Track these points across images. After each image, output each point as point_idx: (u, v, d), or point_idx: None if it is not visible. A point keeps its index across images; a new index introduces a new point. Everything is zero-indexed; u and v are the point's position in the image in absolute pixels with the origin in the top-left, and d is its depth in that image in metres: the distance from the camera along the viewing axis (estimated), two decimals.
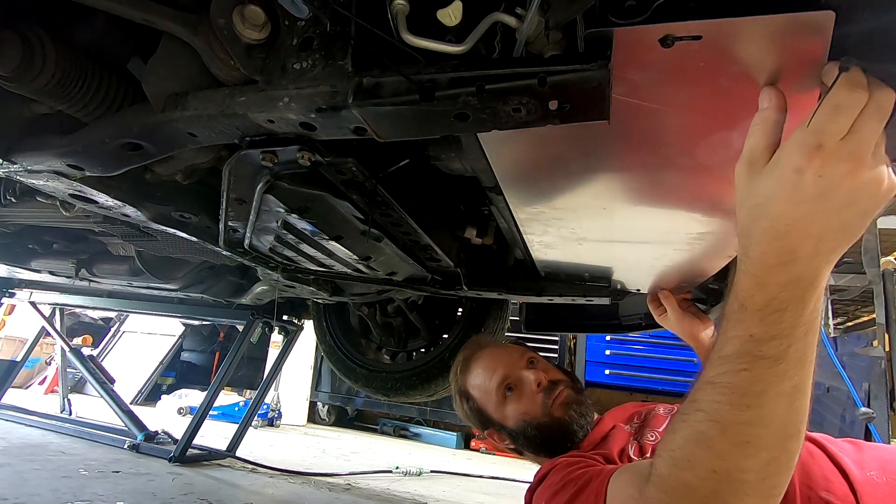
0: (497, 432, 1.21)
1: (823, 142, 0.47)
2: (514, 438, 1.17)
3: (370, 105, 0.62)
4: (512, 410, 1.15)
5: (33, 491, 1.81)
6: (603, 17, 0.51)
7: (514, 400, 1.16)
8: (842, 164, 0.47)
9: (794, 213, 0.50)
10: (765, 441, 0.55)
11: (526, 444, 1.16)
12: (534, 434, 1.12)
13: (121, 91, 0.82)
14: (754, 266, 0.53)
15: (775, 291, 0.52)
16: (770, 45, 0.51)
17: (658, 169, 0.80)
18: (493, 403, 1.18)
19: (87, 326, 6.18)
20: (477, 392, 1.22)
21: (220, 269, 1.95)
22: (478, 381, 1.22)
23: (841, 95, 0.47)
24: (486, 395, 1.19)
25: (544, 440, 1.12)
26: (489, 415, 1.20)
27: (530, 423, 1.13)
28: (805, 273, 0.51)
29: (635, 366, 4.31)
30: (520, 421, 1.14)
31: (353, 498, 2.41)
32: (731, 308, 0.56)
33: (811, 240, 0.50)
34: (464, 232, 1.22)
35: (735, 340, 0.55)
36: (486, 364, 1.23)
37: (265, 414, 4.64)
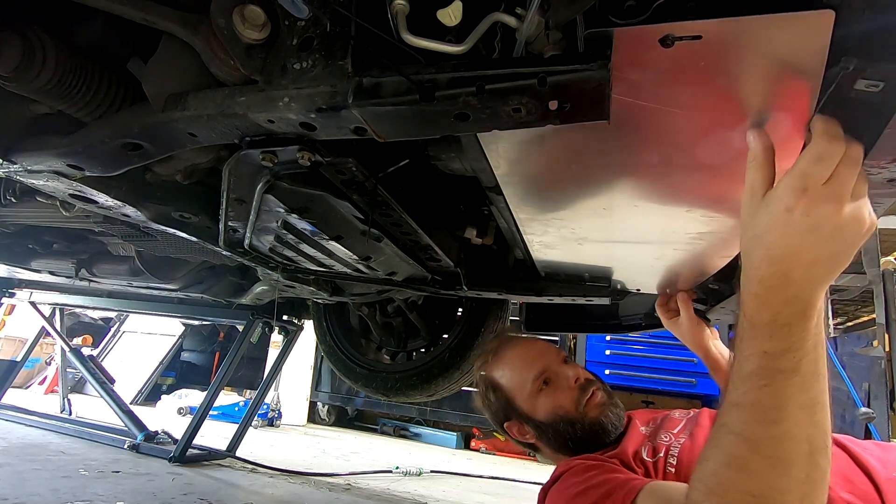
0: (520, 424, 1.18)
1: (808, 185, 0.55)
2: (540, 431, 1.15)
3: (370, 105, 0.62)
4: (545, 403, 1.14)
5: (33, 491, 1.81)
6: (603, 17, 0.51)
7: (549, 393, 1.14)
8: (826, 204, 0.55)
9: (785, 244, 0.57)
10: (794, 456, 0.57)
11: (553, 439, 1.13)
12: (565, 429, 1.11)
13: (121, 91, 0.82)
14: (757, 287, 0.59)
15: (778, 308, 0.58)
16: (770, 45, 0.51)
17: (658, 169, 0.80)
18: (525, 394, 1.16)
19: (87, 326, 6.18)
20: (507, 381, 1.20)
21: (220, 269, 1.95)
22: (510, 371, 1.20)
23: (821, 146, 0.54)
24: (519, 385, 1.17)
25: (574, 437, 1.10)
26: (517, 405, 1.17)
27: (563, 418, 1.11)
28: (801, 294, 0.58)
29: (635, 366, 4.30)
30: (552, 414, 1.12)
31: (353, 498, 2.41)
32: (743, 328, 0.61)
33: (803, 267, 0.57)
34: (464, 232, 1.22)
35: (752, 358, 0.59)
36: (522, 355, 1.22)
37: (265, 414, 4.64)
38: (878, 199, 0.72)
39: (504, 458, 4.58)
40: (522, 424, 1.18)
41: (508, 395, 1.19)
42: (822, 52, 0.51)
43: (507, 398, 1.19)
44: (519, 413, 1.17)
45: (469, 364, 1.93)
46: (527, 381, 1.16)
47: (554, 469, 1.04)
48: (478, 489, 3.02)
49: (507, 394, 1.19)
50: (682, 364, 4.20)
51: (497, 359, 1.24)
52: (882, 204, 0.74)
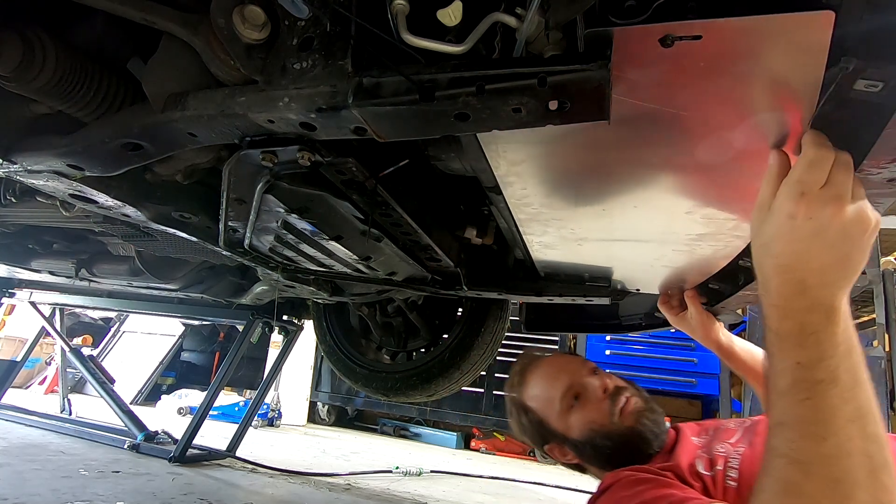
0: (559, 446, 1.11)
1: (805, 190, 0.56)
2: (579, 450, 1.08)
3: (370, 105, 0.62)
4: (577, 420, 1.07)
5: (33, 491, 1.81)
6: (603, 16, 0.51)
7: (579, 409, 1.08)
8: (826, 206, 0.55)
9: (792, 250, 0.58)
10: (854, 475, 0.52)
11: (593, 456, 1.06)
12: (603, 444, 1.03)
13: (121, 91, 0.82)
14: (775, 298, 0.59)
15: (800, 316, 0.57)
16: (770, 45, 0.51)
17: (657, 170, 0.80)
18: (555, 413, 1.10)
19: (87, 326, 6.18)
20: (537, 403, 1.14)
21: (220, 269, 1.95)
22: (538, 391, 1.14)
23: (812, 153, 0.56)
24: (549, 404, 1.11)
25: (614, 450, 1.03)
26: (551, 426, 1.11)
27: (598, 433, 1.04)
28: (821, 299, 0.57)
29: (635, 366, 4.30)
30: (586, 430, 1.05)
31: (353, 498, 2.41)
32: (770, 342, 0.60)
33: (815, 272, 0.57)
34: (464, 232, 1.22)
35: (786, 372, 0.57)
36: (547, 373, 1.16)
37: (265, 414, 4.64)
38: (878, 199, 0.72)
39: (504, 458, 4.58)
40: (561, 445, 1.11)
41: (540, 417, 1.13)
42: (822, 52, 0.51)
43: (540, 420, 1.13)
44: (555, 434, 1.11)
45: (469, 364, 1.93)
46: (555, 400, 1.10)
47: (600, 481, 0.98)
48: (478, 489, 3.02)
49: (539, 416, 1.13)
50: (682, 364, 4.20)
51: (523, 381, 1.19)
52: (882, 204, 0.74)
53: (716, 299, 1.27)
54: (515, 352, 4.72)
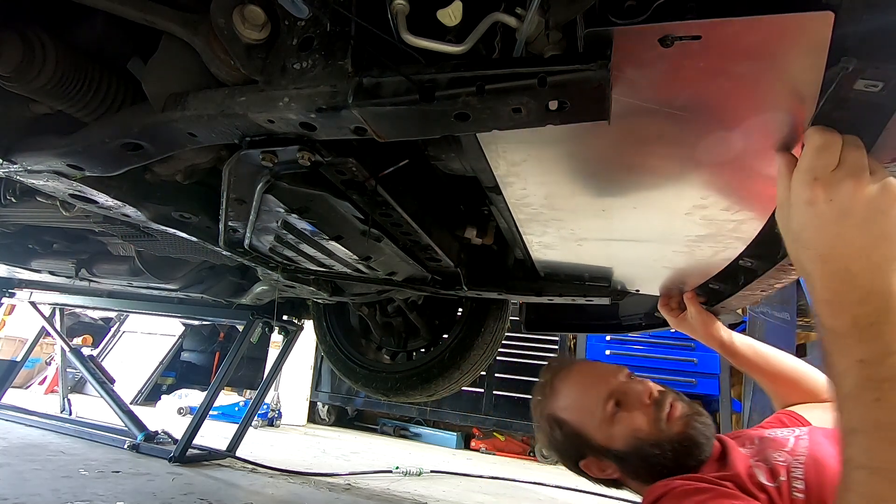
0: (598, 460, 1.01)
1: (817, 175, 0.55)
2: (623, 462, 0.98)
3: (370, 105, 0.62)
4: (621, 429, 0.97)
5: (33, 491, 1.81)
6: (603, 16, 0.51)
7: (622, 417, 0.98)
8: (843, 185, 0.54)
9: (824, 236, 0.55)
10: None
11: (640, 468, 0.97)
12: (651, 452, 0.94)
13: (121, 91, 0.82)
14: (823, 293, 0.56)
15: (854, 309, 0.54)
16: (770, 46, 0.51)
17: (657, 169, 0.80)
18: (595, 423, 1.00)
19: (87, 326, 6.18)
20: (572, 414, 1.04)
21: (220, 269, 1.95)
22: (572, 400, 1.05)
23: (817, 138, 0.56)
24: (587, 414, 1.01)
25: (666, 459, 0.94)
26: (589, 438, 1.00)
27: (645, 441, 0.95)
28: (873, 286, 0.53)
29: (635, 366, 4.28)
30: (631, 439, 0.96)
31: (353, 498, 2.41)
32: (827, 343, 0.56)
33: (857, 257, 0.54)
34: (464, 232, 1.22)
35: (848, 373, 0.53)
36: (581, 381, 1.07)
37: (265, 414, 4.64)
38: None
39: (504, 458, 4.58)
40: (600, 460, 1.01)
41: (577, 429, 1.02)
42: (822, 52, 0.51)
43: (577, 433, 1.02)
44: (594, 447, 1.00)
45: (469, 364, 1.93)
46: (595, 409, 1.00)
47: (646, 493, 0.90)
48: (478, 489, 3.02)
49: (576, 428, 1.02)
50: (682, 364, 4.20)
51: (554, 391, 1.08)
52: None
53: (716, 299, 1.27)
54: (515, 352, 4.74)
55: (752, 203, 0.84)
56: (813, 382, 1.21)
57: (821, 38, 0.49)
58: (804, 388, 1.20)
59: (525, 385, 4.58)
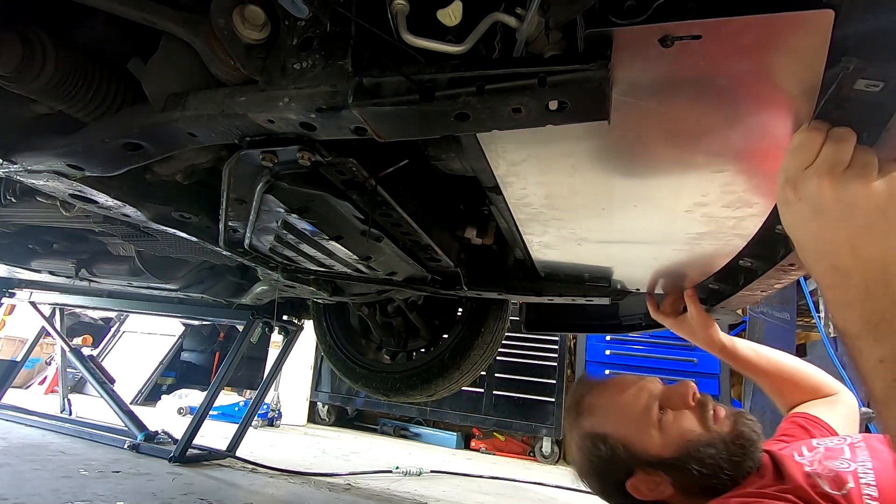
0: (649, 474, 0.93)
1: (788, 175, 0.58)
2: (676, 472, 0.91)
3: (370, 105, 0.62)
4: (671, 433, 0.92)
5: (33, 491, 1.81)
6: (603, 17, 0.51)
7: (669, 422, 0.93)
8: (809, 182, 0.56)
9: (805, 233, 0.57)
10: None
11: (695, 475, 0.89)
12: (707, 453, 0.88)
13: (121, 91, 0.82)
14: (826, 294, 0.56)
15: (858, 307, 0.52)
16: (770, 45, 0.51)
17: (657, 169, 0.80)
18: (642, 432, 0.94)
19: (87, 326, 6.17)
20: (615, 426, 0.97)
21: (220, 269, 1.95)
22: (613, 413, 0.99)
23: (795, 140, 0.58)
24: (631, 423, 0.95)
25: (721, 461, 0.88)
26: (637, 449, 0.93)
27: (698, 443, 0.89)
28: (868, 281, 0.51)
29: (635, 366, 4.30)
30: (683, 443, 0.90)
31: (353, 498, 2.41)
32: (848, 346, 0.54)
33: (843, 251, 0.53)
34: (464, 232, 1.22)
35: (874, 375, 0.51)
36: (619, 392, 1.00)
37: (265, 414, 4.63)
38: None
39: (504, 458, 4.58)
40: (651, 473, 0.93)
41: (623, 440, 0.95)
42: (822, 51, 0.51)
43: (623, 444, 0.95)
44: (643, 459, 0.93)
45: (469, 364, 1.93)
46: (640, 416, 0.95)
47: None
48: (478, 489, 3.02)
49: (621, 440, 0.95)
50: (682, 364, 4.20)
51: (591, 408, 1.02)
52: None
53: (716, 299, 1.27)
54: (515, 352, 4.73)
55: (752, 200, 0.84)
56: (814, 379, 1.20)
57: (821, 37, 0.49)
58: (807, 386, 1.20)
59: (525, 385, 4.58)
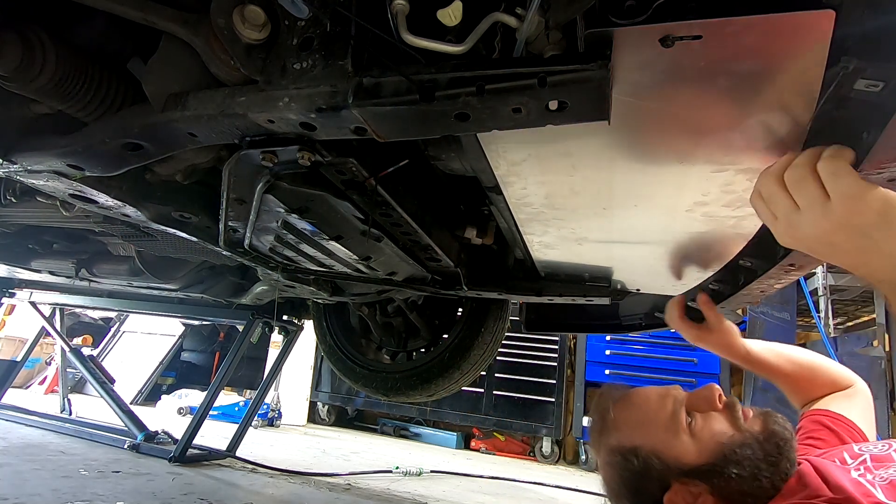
0: (686, 485, 0.87)
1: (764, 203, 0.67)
2: (714, 478, 0.86)
3: (370, 105, 0.62)
4: (703, 438, 0.88)
5: (33, 491, 1.81)
6: (603, 17, 0.51)
7: (700, 425, 0.89)
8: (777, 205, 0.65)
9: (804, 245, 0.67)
10: None
11: (733, 481, 0.84)
12: (744, 455, 0.84)
13: (121, 91, 0.82)
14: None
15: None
16: (770, 45, 0.51)
17: (658, 168, 0.80)
18: (674, 440, 0.89)
19: (87, 326, 6.17)
20: (645, 437, 0.92)
21: (220, 269, 1.95)
22: (641, 423, 0.94)
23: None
24: (662, 433, 0.90)
25: (759, 461, 0.84)
26: (671, 460, 0.88)
27: (732, 445, 0.85)
28: (856, 267, 0.64)
29: (635, 366, 4.31)
30: (717, 447, 0.86)
31: (353, 498, 2.41)
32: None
33: (823, 248, 0.64)
34: (464, 232, 1.22)
35: None
36: (644, 402, 0.95)
37: (265, 414, 4.64)
38: None
39: (504, 458, 4.58)
40: (689, 484, 0.87)
41: (655, 452, 0.90)
42: (823, 51, 0.51)
43: (657, 456, 0.90)
44: (679, 469, 0.88)
45: (469, 364, 1.93)
46: (669, 423, 0.90)
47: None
48: (478, 489, 3.02)
49: (654, 451, 0.90)
50: (682, 364, 4.20)
51: (616, 422, 0.97)
52: None
53: (716, 299, 1.26)
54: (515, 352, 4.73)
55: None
56: (830, 372, 1.18)
57: (822, 37, 0.49)
58: (824, 381, 1.18)
59: (525, 385, 4.58)
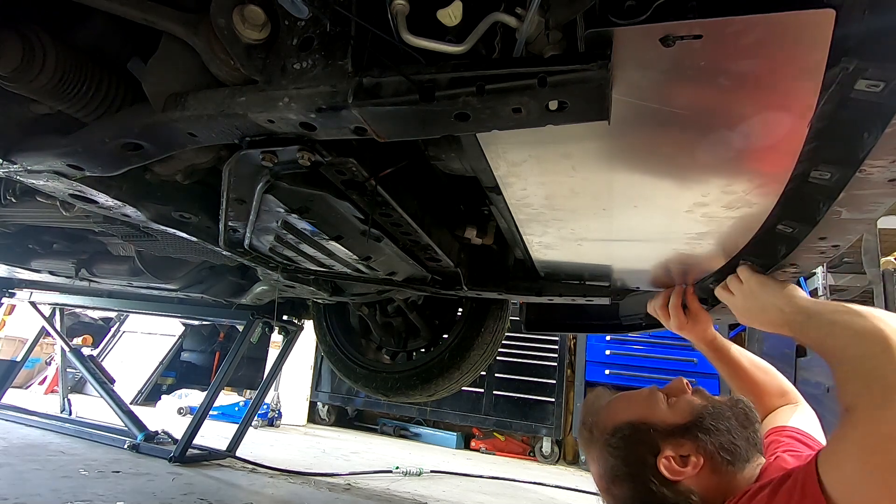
0: (674, 446, 0.95)
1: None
2: (698, 432, 0.95)
3: (370, 105, 0.62)
4: (682, 405, 0.99)
5: (33, 491, 1.81)
6: (603, 17, 0.51)
7: (675, 402, 1.01)
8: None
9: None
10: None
11: (714, 433, 0.94)
12: (719, 412, 0.96)
13: (121, 91, 0.82)
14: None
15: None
16: (770, 44, 0.51)
17: (658, 169, 0.80)
18: (655, 408, 1.00)
19: (87, 326, 6.17)
20: (631, 413, 1.02)
21: (220, 269, 1.95)
22: (629, 404, 1.05)
23: None
24: (646, 406, 1.01)
25: (731, 419, 0.95)
26: (656, 422, 0.98)
27: (707, 407, 0.97)
28: (762, 324, 1.04)
29: (635, 366, 4.31)
30: (695, 408, 0.97)
31: (353, 498, 2.41)
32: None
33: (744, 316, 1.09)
34: (464, 232, 1.22)
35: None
36: (624, 396, 1.08)
37: (265, 414, 4.64)
38: (878, 199, 0.72)
39: (504, 458, 4.58)
40: (676, 445, 0.95)
41: (642, 419, 0.99)
42: (823, 51, 0.51)
43: (643, 422, 0.99)
44: (664, 430, 0.97)
45: (469, 364, 1.93)
46: (649, 398, 1.02)
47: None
48: (478, 489, 3.02)
49: (640, 419, 1.00)
50: (682, 364, 4.20)
51: (607, 410, 1.07)
52: (882, 204, 0.74)
53: (716, 299, 1.26)
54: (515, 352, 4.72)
55: (752, 200, 0.84)
56: (780, 379, 1.26)
57: (822, 36, 0.49)
58: (774, 386, 1.24)
59: (525, 385, 4.58)
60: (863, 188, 0.69)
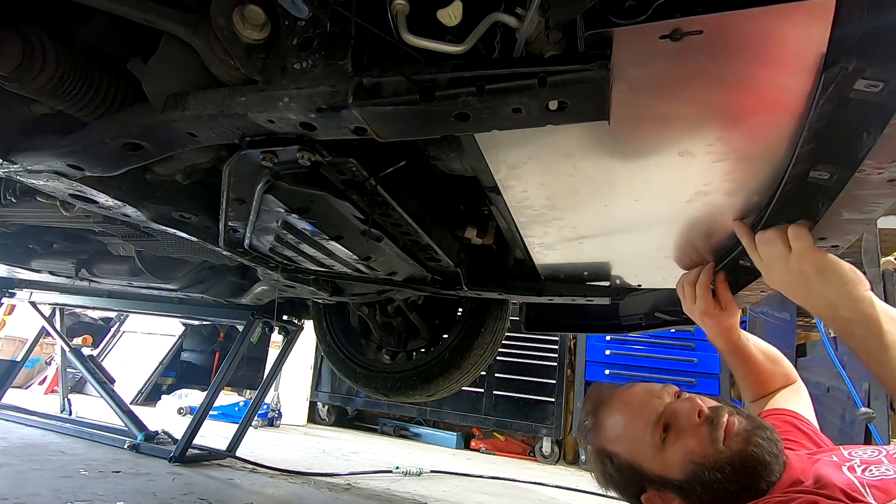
0: (659, 492, 0.91)
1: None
2: (686, 493, 0.88)
3: (370, 105, 0.62)
4: (675, 454, 0.88)
5: (33, 491, 1.81)
6: (603, 17, 0.51)
7: (673, 441, 0.89)
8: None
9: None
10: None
11: (705, 497, 0.86)
12: (713, 478, 0.84)
13: (121, 91, 0.82)
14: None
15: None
16: (770, 37, 0.51)
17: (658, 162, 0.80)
18: (647, 452, 0.91)
19: (87, 326, 6.17)
20: (621, 445, 0.95)
21: (221, 269, 1.95)
22: (618, 430, 0.96)
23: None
24: (637, 444, 0.92)
25: (729, 483, 0.83)
26: (644, 469, 0.91)
27: (704, 465, 0.85)
28: (804, 303, 0.91)
29: (635, 366, 4.30)
30: (688, 465, 0.86)
31: (353, 498, 2.41)
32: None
33: (786, 288, 0.92)
34: (464, 232, 1.22)
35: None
36: (626, 409, 0.97)
37: (265, 414, 4.63)
38: (878, 200, 0.72)
39: (504, 458, 4.58)
40: (662, 491, 0.91)
41: (630, 461, 0.93)
42: (823, 40, 0.51)
43: (630, 465, 0.93)
44: (651, 479, 0.91)
45: (469, 363, 1.93)
46: (643, 437, 0.91)
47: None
48: (478, 489, 3.02)
49: (628, 460, 0.94)
50: (682, 364, 4.20)
51: (598, 423, 1.00)
52: (882, 204, 0.74)
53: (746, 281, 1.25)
54: (515, 352, 4.73)
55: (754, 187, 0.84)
56: (784, 362, 1.23)
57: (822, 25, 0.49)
58: (781, 371, 1.21)
59: (525, 385, 4.58)
60: (862, 188, 0.69)
